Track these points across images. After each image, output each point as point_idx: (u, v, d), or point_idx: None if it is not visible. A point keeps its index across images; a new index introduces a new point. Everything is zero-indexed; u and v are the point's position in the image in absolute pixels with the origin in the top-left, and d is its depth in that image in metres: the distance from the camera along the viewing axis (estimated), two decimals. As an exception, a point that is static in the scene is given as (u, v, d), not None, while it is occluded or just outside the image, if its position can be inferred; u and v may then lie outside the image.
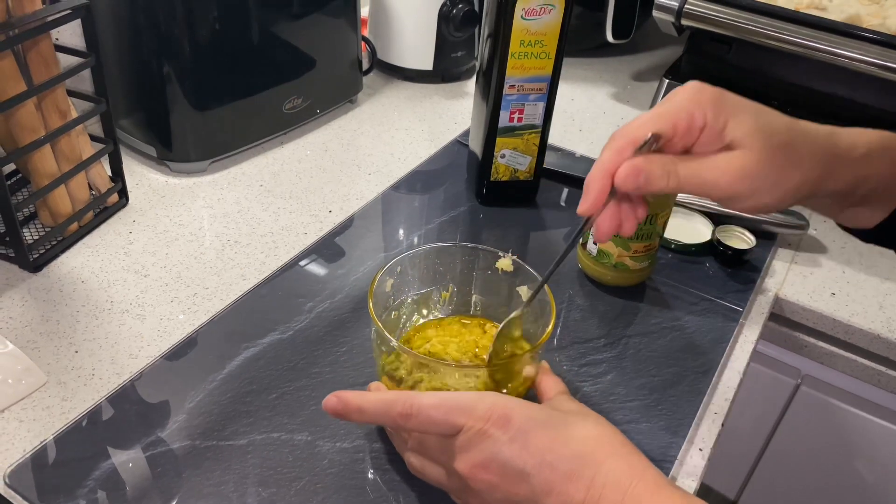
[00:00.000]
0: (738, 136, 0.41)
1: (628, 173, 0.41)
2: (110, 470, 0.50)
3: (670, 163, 0.42)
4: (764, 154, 0.41)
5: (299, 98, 0.88)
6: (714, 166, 0.41)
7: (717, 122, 0.41)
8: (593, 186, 0.43)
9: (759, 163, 0.41)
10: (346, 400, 0.45)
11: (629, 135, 0.42)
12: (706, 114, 0.41)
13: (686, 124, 0.41)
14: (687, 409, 0.58)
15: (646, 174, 0.41)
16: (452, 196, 0.81)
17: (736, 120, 0.41)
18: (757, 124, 0.41)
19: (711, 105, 0.41)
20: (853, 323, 0.70)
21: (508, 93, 0.70)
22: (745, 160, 0.41)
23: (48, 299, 0.64)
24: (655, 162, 0.42)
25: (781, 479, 0.89)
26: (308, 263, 0.70)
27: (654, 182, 0.41)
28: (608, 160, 0.42)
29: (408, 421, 0.43)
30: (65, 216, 0.69)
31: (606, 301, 0.68)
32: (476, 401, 0.43)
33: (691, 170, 0.42)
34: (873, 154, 0.44)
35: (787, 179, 0.42)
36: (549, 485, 0.40)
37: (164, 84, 0.77)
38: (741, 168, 0.41)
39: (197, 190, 0.79)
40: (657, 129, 0.42)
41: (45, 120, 0.65)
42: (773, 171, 0.41)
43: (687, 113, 0.41)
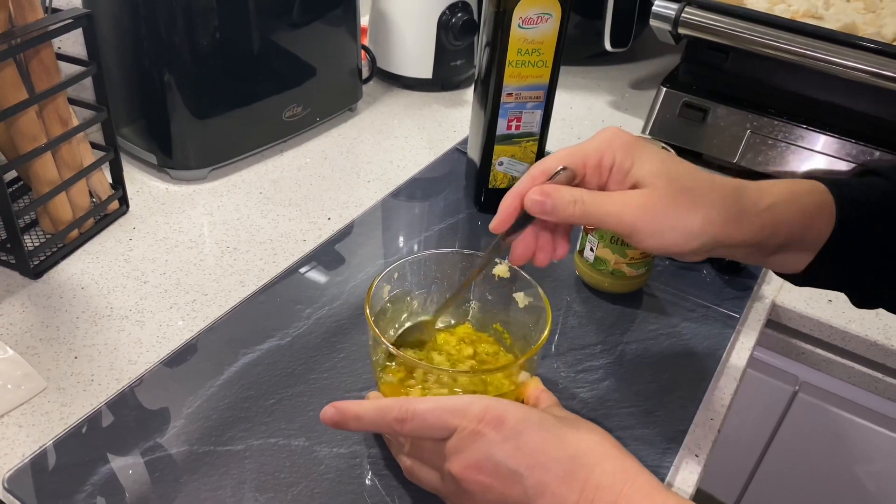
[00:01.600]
0: (642, 176, 0.44)
1: (536, 198, 0.44)
2: (109, 475, 0.50)
3: (577, 192, 0.44)
4: (665, 193, 0.43)
5: (299, 106, 0.88)
6: (618, 200, 0.44)
7: (625, 162, 0.44)
8: (503, 207, 0.46)
9: (660, 201, 0.43)
10: (343, 409, 0.45)
11: (543, 165, 0.46)
12: (615, 154, 0.44)
13: (595, 162, 0.45)
14: (683, 416, 0.58)
15: (553, 200, 0.44)
16: (451, 203, 0.81)
17: (642, 161, 0.44)
18: (662, 167, 0.44)
19: (621, 147, 0.45)
20: (850, 330, 0.70)
21: (506, 101, 0.71)
22: (647, 197, 0.43)
23: (48, 305, 0.64)
24: (564, 189, 0.44)
25: (780, 486, 0.89)
26: (307, 270, 0.70)
27: (561, 208, 0.44)
28: (521, 185, 0.46)
29: (403, 426, 0.43)
30: (65, 223, 0.69)
31: (603, 308, 0.68)
32: (470, 402, 0.43)
33: (596, 201, 0.44)
34: (779, 205, 0.46)
35: (687, 221, 0.43)
36: (543, 486, 0.40)
37: (164, 92, 0.77)
38: (643, 204, 0.43)
39: (197, 197, 0.80)
40: (568, 163, 0.45)
41: (46, 128, 0.66)
42: (674, 210, 0.43)
43: (597, 152, 0.45)
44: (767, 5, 0.91)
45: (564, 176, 0.45)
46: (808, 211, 0.46)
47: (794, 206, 0.46)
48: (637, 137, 0.46)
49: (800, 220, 0.46)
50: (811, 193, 0.47)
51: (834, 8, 0.90)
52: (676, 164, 0.45)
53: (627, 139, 0.45)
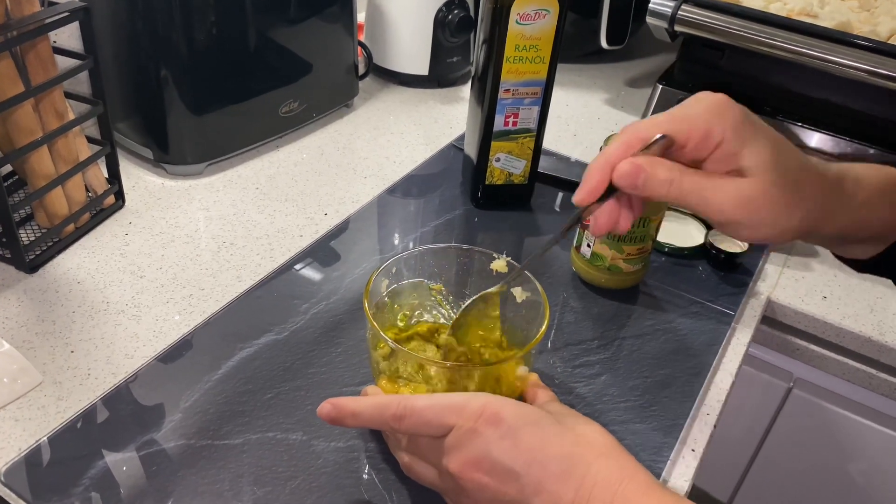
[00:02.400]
0: (751, 165, 0.40)
1: (628, 171, 0.40)
2: (105, 469, 0.50)
3: (676, 171, 0.40)
4: (773, 189, 0.40)
5: (295, 102, 0.88)
6: (720, 188, 0.40)
7: (735, 143, 0.39)
8: (592, 177, 0.41)
9: (765, 196, 0.40)
10: (341, 405, 0.45)
11: (640, 131, 0.41)
12: (726, 131, 0.39)
13: (702, 135, 0.40)
14: (679, 411, 0.58)
15: (646, 175, 0.40)
16: (448, 200, 0.81)
17: (753, 147, 0.39)
18: (773, 157, 0.40)
19: (733, 124, 0.39)
20: (845, 326, 0.71)
21: (503, 97, 0.71)
22: (754, 191, 0.40)
23: (44, 300, 0.64)
24: (660, 166, 0.40)
25: (774, 482, 0.89)
26: (304, 266, 0.70)
27: (654, 186, 0.40)
28: (613, 153, 0.41)
29: (401, 423, 0.43)
30: (61, 217, 0.69)
31: (600, 303, 0.68)
32: (468, 400, 0.43)
33: (696, 185, 0.40)
34: (873, 200, 0.44)
35: (789, 217, 0.41)
36: (539, 484, 0.40)
37: (161, 87, 0.77)
38: (748, 198, 0.40)
39: (193, 192, 0.80)
40: (670, 132, 0.40)
41: (42, 121, 0.65)
42: (778, 207, 0.40)
43: (706, 124, 0.39)
44: (763, 3, 0.91)
45: (662, 145, 0.40)
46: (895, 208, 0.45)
47: (886, 201, 0.45)
48: (748, 113, 0.41)
49: (889, 215, 0.45)
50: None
51: (829, 6, 0.91)
52: (786, 154, 0.41)
53: (740, 116, 0.40)
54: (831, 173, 0.43)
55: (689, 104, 0.41)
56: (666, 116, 0.41)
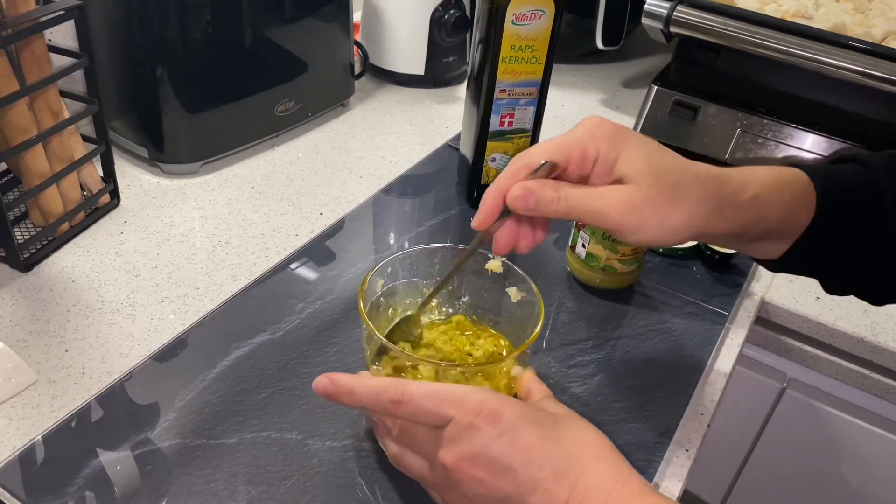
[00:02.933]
0: (627, 172, 0.43)
1: (519, 194, 0.43)
2: (99, 469, 0.50)
3: (560, 188, 0.43)
4: (651, 190, 0.43)
5: (291, 101, 0.88)
6: (602, 196, 0.43)
7: (610, 155, 0.43)
8: (485, 204, 0.45)
9: (645, 198, 0.43)
10: (337, 382, 0.45)
11: (525, 159, 0.44)
12: (599, 147, 0.43)
13: (579, 155, 0.43)
14: (674, 411, 0.58)
15: (536, 196, 0.43)
16: (443, 199, 0.81)
17: (627, 155, 0.43)
18: (647, 162, 0.43)
19: (605, 140, 0.43)
20: (838, 327, 0.71)
21: (499, 97, 0.71)
22: (632, 194, 0.43)
23: (39, 298, 0.64)
24: (547, 186, 0.43)
25: (767, 482, 0.89)
26: (299, 265, 0.70)
27: (545, 204, 0.43)
28: (503, 180, 0.44)
29: (398, 408, 0.43)
30: (56, 216, 0.69)
31: (594, 304, 0.69)
32: (467, 394, 0.43)
33: (580, 197, 0.43)
34: (761, 196, 0.46)
35: (672, 217, 0.43)
36: (535, 483, 0.41)
37: (156, 86, 0.77)
38: (628, 201, 0.43)
39: (188, 191, 0.80)
40: (551, 157, 0.44)
41: (37, 120, 0.65)
42: (659, 207, 0.43)
43: (581, 145, 0.43)
44: (758, 5, 0.92)
45: (546, 169, 0.44)
46: (790, 202, 0.47)
47: (775, 196, 0.46)
48: (620, 127, 0.45)
49: (781, 210, 0.46)
50: (792, 183, 0.47)
51: (824, 8, 0.91)
52: (661, 158, 0.44)
53: (611, 130, 0.44)
54: (713, 173, 0.45)
55: (570, 131, 0.45)
56: (547, 145, 0.44)
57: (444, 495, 0.45)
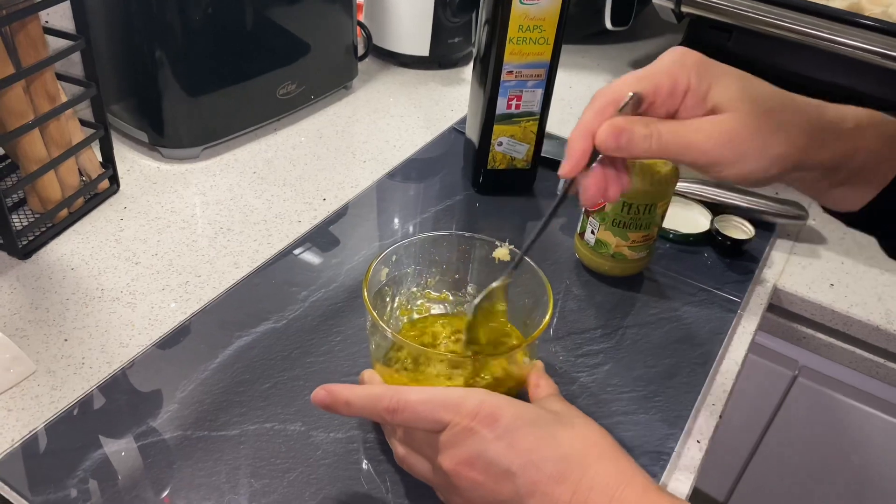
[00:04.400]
0: (723, 100, 0.40)
1: (609, 133, 0.40)
2: (101, 460, 0.49)
3: (653, 123, 0.40)
4: (750, 118, 0.40)
5: (293, 84, 0.87)
6: (698, 129, 0.40)
7: (701, 85, 0.40)
8: (574, 147, 0.41)
9: (745, 127, 0.40)
10: (335, 393, 0.44)
11: (610, 94, 0.41)
12: (690, 77, 0.40)
13: (669, 86, 0.40)
14: (684, 401, 0.57)
15: (628, 134, 0.40)
16: (448, 184, 0.80)
17: (720, 84, 0.40)
18: (743, 89, 0.40)
19: (695, 68, 0.40)
20: (852, 314, 0.69)
21: (506, 79, 0.69)
22: (732, 124, 0.39)
23: (37, 287, 0.63)
24: (637, 122, 0.40)
25: (775, 472, 0.88)
26: (302, 252, 0.69)
27: (637, 143, 0.40)
28: (589, 120, 0.41)
29: (394, 416, 0.43)
30: (54, 202, 0.68)
31: (604, 291, 0.67)
32: (464, 397, 0.42)
33: (675, 132, 0.40)
34: (862, 128, 0.43)
35: (773, 146, 0.40)
36: (534, 485, 0.40)
37: (156, 68, 0.75)
38: (727, 132, 0.40)
39: (189, 176, 0.78)
40: (639, 89, 0.40)
41: (33, 104, 0.64)
42: (760, 135, 0.40)
43: (670, 75, 0.40)
44: (772, -17, 0.89)
45: (633, 103, 0.40)
46: (887, 138, 0.44)
47: (874, 130, 0.43)
48: (707, 58, 0.41)
49: (878, 146, 0.44)
50: (887, 124, 0.44)
51: (839, -13, 0.89)
52: (756, 85, 0.41)
53: (699, 59, 0.41)
54: (812, 102, 0.43)
55: (653, 63, 0.42)
56: (632, 76, 0.41)
57: (447, 497, 0.44)
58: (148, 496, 0.47)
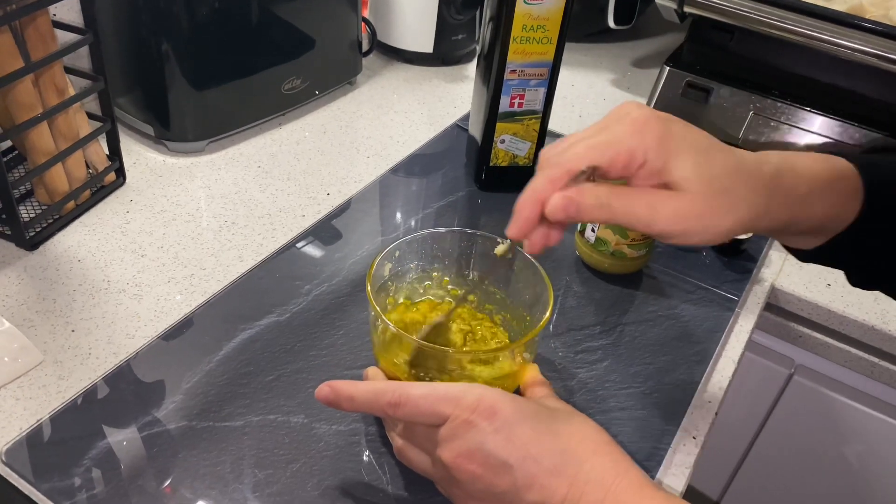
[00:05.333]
0: (677, 179, 0.40)
1: (560, 206, 0.40)
2: (106, 450, 0.50)
3: (604, 196, 0.40)
4: (702, 199, 0.40)
5: (298, 79, 0.87)
6: (648, 204, 0.40)
7: (657, 161, 0.40)
8: (523, 213, 0.42)
9: (695, 208, 0.40)
10: (338, 389, 0.46)
11: (565, 164, 0.41)
12: (647, 153, 0.40)
13: (625, 160, 0.40)
14: (681, 398, 0.58)
15: (577, 205, 0.40)
16: (451, 181, 0.81)
17: (677, 161, 0.40)
18: (698, 168, 0.40)
19: (654, 144, 0.40)
20: (848, 314, 0.70)
21: (509, 78, 0.70)
22: (682, 203, 0.40)
23: (45, 277, 0.63)
24: (588, 194, 0.40)
25: (770, 468, 0.89)
26: (305, 246, 0.70)
27: (586, 213, 0.41)
28: (541, 188, 0.41)
29: (396, 410, 0.44)
30: (61, 194, 0.68)
31: (603, 288, 0.68)
32: (464, 391, 0.43)
33: (625, 204, 0.40)
34: (812, 195, 0.44)
35: (720, 224, 0.41)
36: (532, 478, 0.41)
37: (162, 62, 0.76)
38: (678, 210, 0.40)
39: (194, 170, 0.79)
40: (594, 163, 0.40)
41: (42, 97, 0.64)
42: (708, 216, 0.40)
43: (627, 150, 0.40)
44: (774, -15, 0.90)
45: (587, 174, 0.40)
46: (838, 200, 0.45)
47: (825, 195, 0.44)
48: (665, 125, 0.41)
49: (829, 208, 0.45)
50: (842, 179, 0.45)
51: (841, -11, 0.89)
52: (711, 162, 0.41)
53: (660, 132, 0.40)
54: (768, 170, 0.43)
55: (612, 126, 0.41)
56: (588, 145, 0.41)
57: (446, 489, 0.45)
58: (152, 485, 0.48)
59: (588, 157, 0.40)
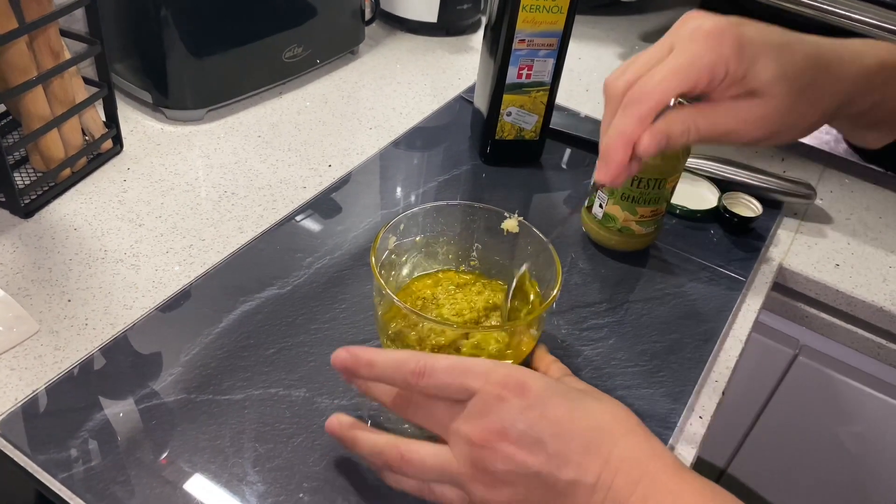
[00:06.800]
0: (759, 85, 0.40)
1: (652, 142, 0.40)
2: (103, 422, 0.49)
3: (689, 118, 0.41)
4: (786, 101, 0.40)
5: (299, 47, 0.85)
6: (734, 116, 0.41)
7: (739, 70, 0.40)
8: (616, 157, 0.41)
9: (779, 111, 0.40)
10: (357, 354, 0.43)
11: (652, 100, 0.40)
12: (728, 63, 0.39)
13: (708, 79, 0.40)
14: (688, 377, 0.57)
15: (667, 136, 0.41)
16: (455, 154, 0.79)
17: (757, 66, 0.40)
18: (779, 69, 0.40)
19: (733, 55, 0.39)
20: (856, 295, 0.69)
21: (518, 47, 0.68)
22: (767, 109, 0.40)
23: (40, 246, 0.62)
24: (675, 121, 0.41)
25: (773, 448, 0.89)
26: (305, 218, 0.68)
27: (675, 141, 0.41)
28: (631, 130, 0.41)
29: (420, 379, 0.41)
30: (57, 161, 0.67)
31: (609, 266, 0.67)
32: (492, 367, 0.41)
33: (711, 122, 0.41)
34: (892, 74, 0.43)
35: (805, 120, 0.41)
36: (566, 456, 0.39)
37: (160, 27, 0.74)
38: (762, 117, 0.40)
39: (193, 139, 0.77)
40: (681, 90, 0.40)
41: (37, 60, 0.63)
42: (793, 115, 0.41)
43: (710, 67, 0.39)
44: (789, -43, 0.87)
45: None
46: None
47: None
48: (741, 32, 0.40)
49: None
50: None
51: (857, -38, 0.87)
52: (791, 58, 0.40)
53: (736, 42, 0.39)
54: (847, 55, 0.42)
55: (684, 44, 0.40)
56: (669, 72, 0.40)
57: (467, 486, 0.41)
58: (149, 458, 0.47)
59: (675, 87, 0.40)
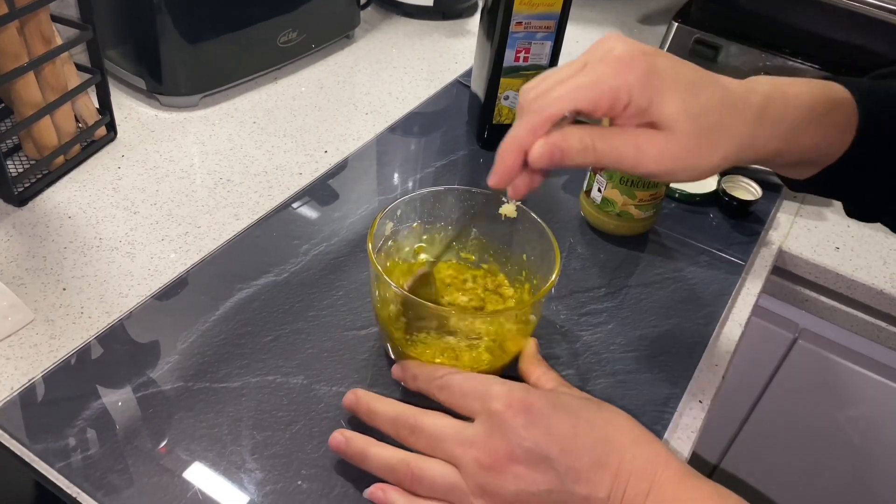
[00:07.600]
0: (662, 118, 0.38)
1: (544, 152, 0.39)
2: (101, 410, 0.49)
3: (588, 137, 0.39)
4: (688, 138, 0.38)
5: (294, 31, 0.84)
6: (633, 145, 0.39)
7: (642, 101, 0.38)
8: (505, 162, 0.40)
9: (681, 147, 0.39)
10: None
11: (546, 111, 0.39)
12: (631, 93, 0.38)
13: (609, 102, 0.38)
14: (688, 361, 0.57)
15: (561, 151, 0.39)
16: (451, 139, 0.78)
17: (663, 99, 0.38)
18: (684, 105, 0.38)
19: (639, 82, 0.38)
20: (856, 278, 0.69)
21: (515, 30, 0.67)
22: (668, 143, 0.38)
23: (34, 234, 0.61)
24: (573, 137, 0.39)
25: (772, 431, 0.89)
26: (302, 205, 0.68)
27: (570, 158, 0.39)
28: (523, 136, 0.39)
29: (440, 393, 0.44)
30: (50, 148, 0.66)
31: (608, 250, 0.67)
32: (490, 386, 0.42)
33: (609, 145, 0.39)
34: (804, 123, 0.42)
35: (707, 161, 0.39)
36: (577, 473, 0.40)
37: (154, 13, 0.73)
38: (662, 151, 0.39)
39: (188, 125, 0.77)
40: (577, 107, 0.38)
41: (28, 46, 0.62)
42: (696, 154, 0.39)
43: (611, 90, 0.38)
44: (788, -63, 0.87)
45: (570, 118, 0.39)
46: (830, 131, 0.43)
47: (816, 125, 0.42)
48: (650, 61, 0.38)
49: (819, 139, 0.43)
50: (835, 109, 0.43)
51: (857, -58, 0.86)
52: (698, 97, 0.39)
53: (644, 71, 0.38)
54: (755, 100, 0.41)
55: (594, 64, 0.39)
56: (571, 88, 0.38)
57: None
58: (147, 446, 0.47)
59: (570, 102, 0.38)
